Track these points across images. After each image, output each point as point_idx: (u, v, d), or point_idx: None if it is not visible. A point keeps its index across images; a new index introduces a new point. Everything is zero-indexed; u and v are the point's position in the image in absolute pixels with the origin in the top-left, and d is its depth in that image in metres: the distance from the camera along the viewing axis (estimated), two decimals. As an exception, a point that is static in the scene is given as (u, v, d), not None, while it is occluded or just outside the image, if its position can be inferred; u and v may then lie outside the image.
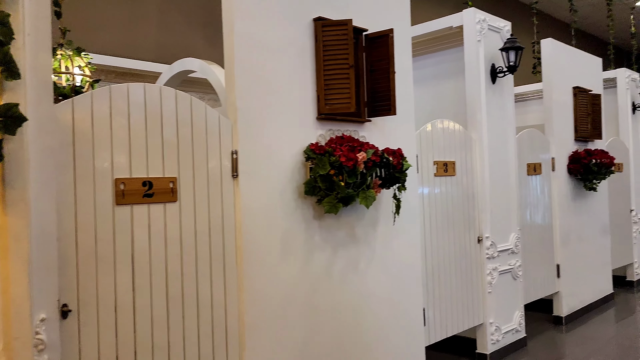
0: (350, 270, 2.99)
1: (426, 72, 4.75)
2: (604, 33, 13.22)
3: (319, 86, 2.87)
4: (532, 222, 4.77)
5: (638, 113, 6.96)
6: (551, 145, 5.08)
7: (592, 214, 5.65)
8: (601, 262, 5.79)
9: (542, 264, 4.86)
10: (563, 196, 5.16)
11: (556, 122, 5.14)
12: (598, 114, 5.72)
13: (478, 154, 4.08)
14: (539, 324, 5.09)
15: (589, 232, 5.57)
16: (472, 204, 4.03)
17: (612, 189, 6.24)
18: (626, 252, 6.50)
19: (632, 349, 4.34)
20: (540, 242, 4.87)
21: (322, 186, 2.70)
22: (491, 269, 4.09)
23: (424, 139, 3.65)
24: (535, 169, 4.83)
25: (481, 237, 4.07)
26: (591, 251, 5.59)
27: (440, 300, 3.71)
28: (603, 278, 5.82)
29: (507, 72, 4.20)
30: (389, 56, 3.04)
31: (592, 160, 5.21)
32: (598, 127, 5.71)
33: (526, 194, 4.72)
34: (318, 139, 2.87)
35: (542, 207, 4.92)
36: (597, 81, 5.92)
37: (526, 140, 4.75)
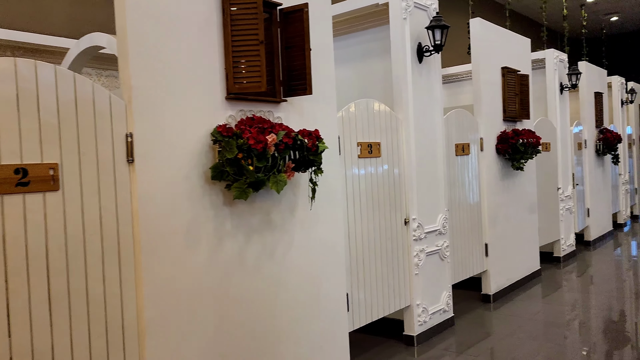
0: (266, 257, 2.86)
1: (353, 51, 4.62)
2: (538, 15, 13.55)
3: (227, 64, 2.68)
4: (460, 203, 4.79)
5: (565, 93, 7.13)
6: (480, 126, 5.10)
7: (520, 193, 5.76)
8: (529, 240, 5.93)
9: (470, 243, 4.91)
10: (491, 176, 5.22)
11: (485, 102, 5.15)
12: (526, 94, 5.80)
13: (404, 135, 4.02)
14: (468, 302, 5.17)
15: (517, 211, 5.68)
16: (399, 186, 3.97)
17: (540, 168, 6.39)
18: (553, 229, 6.71)
19: (554, 325, 4.46)
20: (469, 222, 4.91)
21: (230, 171, 2.53)
22: (418, 251, 4.07)
23: (346, 119, 3.54)
24: (463, 149, 4.84)
25: (408, 219, 4.02)
26: (519, 229, 5.71)
27: (365, 284, 3.64)
28: (530, 255, 5.97)
29: (434, 51, 4.13)
30: (304, 32, 2.88)
31: (520, 140, 5.28)
32: (526, 107, 5.79)
33: (454, 175, 4.72)
34: (228, 120, 2.69)
35: (471, 187, 4.95)
36: (526, 62, 5.99)
37: (454, 120, 4.73)
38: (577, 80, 6.88)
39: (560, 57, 6.97)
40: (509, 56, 5.60)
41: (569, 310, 4.90)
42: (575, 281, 6.13)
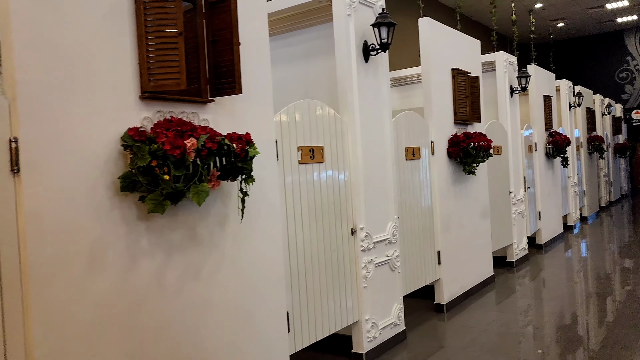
0: (190, 277, 2.52)
1: (297, 50, 4.35)
2: (488, 20, 13.70)
3: (141, 58, 2.34)
4: (411, 209, 4.58)
5: (516, 96, 7.09)
6: (430, 129, 4.92)
7: (473, 198, 5.62)
8: (482, 245, 5.80)
9: (422, 251, 4.70)
10: (443, 180, 5.04)
11: (435, 104, 4.98)
12: (477, 96, 5.67)
13: (350, 139, 3.76)
14: (421, 313, 4.96)
15: (470, 216, 5.54)
16: (345, 193, 3.71)
17: (491, 172, 6.29)
18: (506, 234, 6.62)
19: (508, 336, 4.30)
20: (421, 229, 4.70)
21: (142, 181, 2.19)
22: (366, 262, 3.81)
23: (286, 123, 3.24)
24: (414, 153, 4.63)
25: (355, 229, 3.76)
26: (472, 235, 5.56)
27: (308, 301, 3.35)
28: (484, 261, 5.84)
29: (380, 50, 3.90)
30: (232, 24, 2.57)
31: (471, 144, 5.13)
32: (477, 110, 5.66)
33: (405, 180, 4.51)
34: (142, 122, 2.35)
35: (422, 193, 4.75)
36: (476, 64, 5.87)
37: (404, 123, 4.52)
38: (527, 83, 6.84)
39: (510, 59, 6.93)
40: (459, 58, 5.45)
41: (523, 317, 4.76)
42: (528, 286, 6.04)
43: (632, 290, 5.37)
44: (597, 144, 11.15)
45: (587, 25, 16.36)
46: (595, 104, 12.28)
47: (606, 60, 17.37)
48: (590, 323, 4.55)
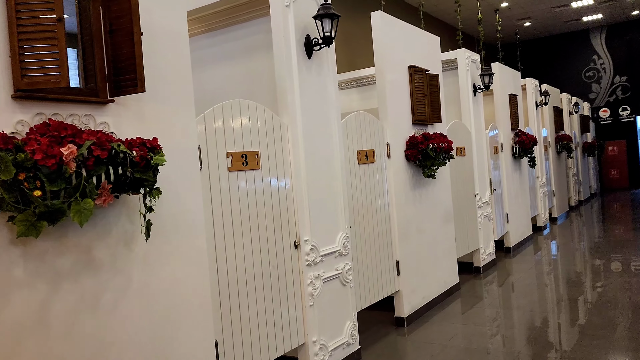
0: (85, 310, 2.13)
1: (236, 46, 3.98)
2: (454, 20, 13.54)
3: (12, 49, 1.95)
4: (366, 217, 4.25)
5: (479, 95, 6.85)
6: (386, 130, 4.60)
7: (434, 202, 5.33)
8: (446, 252, 5.51)
9: (379, 262, 4.37)
10: (401, 185, 4.72)
11: (391, 104, 4.66)
12: (437, 95, 5.39)
13: (291, 142, 3.41)
14: (380, 327, 4.63)
15: (432, 222, 5.24)
16: (286, 203, 3.35)
17: (455, 174, 6.01)
18: (472, 238, 6.36)
19: (472, 352, 3.99)
20: (377, 238, 4.37)
21: (8, 198, 1.80)
22: (312, 278, 3.46)
23: (212, 126, 2.87)
24: (367, 156, 4.30)
25: (299, 241, 3.41)
26: (434, 242, 5.26)
27: (243, 326, 2.98)
28: (448, 269, 5.55)
29: (323, 45, 3.56)
30: (131, 11, 2.20)
31: (430, 145, 4.83)
32: (437, 110, 5.38)
33: (357, 186, 4.17)
34: (17, 127, 1.96)
35: (378, 199, 4.43)
36: (436, 61, 5.59)
37: (355, 124, 4.19)
38: (490, 81, 6.61)
39: (472, 57, 6.68)
40: (417, 54, 5.16)
41: (489, 329, 4.47)
42: (496, 293, 5.77)
43: (603, 293, 5.15)
44: (565, 143, 11.04)
45: (554, 25, 16.38)
46: (563, 102, 12.20)
47: (573, 60, 17.43)
48: (562, 333, 4.28)
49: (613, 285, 5.48)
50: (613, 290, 5.28)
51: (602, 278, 5.93)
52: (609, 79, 16.91)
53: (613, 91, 16.86)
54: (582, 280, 5.97)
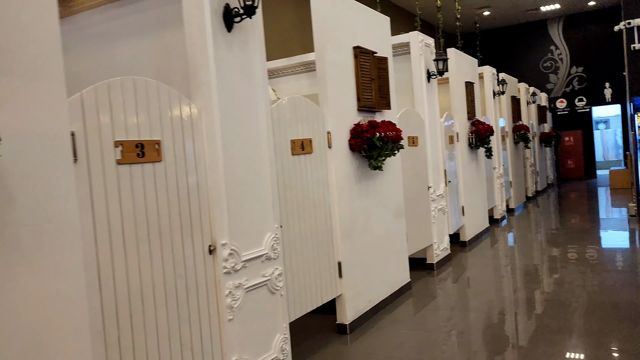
0: None
1: (149, 17, 3.43)
2: (413, 7, 13.19)
3: None
4: (301, 214, 3.78)
5: (434, 82, 6.46)
6: (326, 117, 4.14)
7: (384, 196, 4.91)
8: (396, 250, 5.11)
9: (317, 264, 3.92)
10: (344, 177, 4.28)
11: (332, 88, 4.20)
12: (385, 80, 4.95)
13: (205, 130, 2.90)
14: (320, 336, 4.20)
15: (380, 217, 4.82)
16: (198, 201, 2.84)
17: (407, 166, 5.62)
18: (425, 234, 5.99)
19: (416, 361, 3.60)
20: (315, 238, 3.92)
21: None
22: (232, 288, 2.97)
23: (92, 108, 2.33)
24: (303, 146, 3.83)
25: (214, 245, 2.91)
26: (383, 239, 4.86)
27: (137, 354, 2.47)
28: (398, 267, 5.16)
29: (245, 16, 3.05)
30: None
31: (377, 134, 4.40)
32: (386, 96, 4.95)
33: (291, 180, 3.70)
34: None
35: (316, 194, 3.97)
36: (385, 43, 5.15)
37: (288, 111, 3.71)
38: (445, 67, 6.23)
39: (426, 41, 6.28)
40: (364, 35, 4.70)
41: (441, 333, 4.09)
42: (450, 290, 5.43)
43: (560, 285, 4.87)
44: (523, 133, 10.86)
45: (513, 14, 16.26)
46: (521, 92, 12.04)
47: (531, 50, 17.40)
48: (519, 331, 3.94)
49: (569, 277, 5.22)
50: (569, 282, 5.01)
51: (558, 269, 5.67)
52: (566, 69, 16.95)
53: (570, 82, 16.92)
54: (539, 273, 5.70)
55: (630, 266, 5.75)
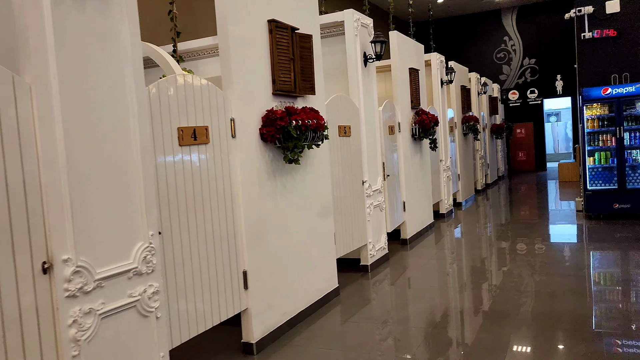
0: None
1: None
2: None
3: None
4: (192, 218, 3.15)
5: (371, 66, 5.91)
6: (230, 102, 3.51)
7: (307, 193, 4.33)
8: (321, 253, 4.55)
9: (215, 275, 3.31)
10: (252, 173, 3.67)
11: (238, 67, 3.57)
12: (309, 60, 4.35)
13: (37, 111, 2.22)
14: (223, 357, 3.59)
15: (301, 218, 4.25)
16: (23, 204, 2.17)
17: (338, 158, 5.06)
18: (359, 233, 5.46)
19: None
20: (211, 245, 3.30)
21: None
22: (79, 315, 2.32)
23: None
24: (196, 135, 3.19)
25: (50, 262, 2.25)
26: (305, 241, 4.29)
27: None
28: (324, 272, 4.60)
29: (97, -34, 2.38)
30: None
31: (293, 122, 3.80)
32: (310, 79, 4.35)
33: (179, 176, 3.06)
34: None
35: (213, 192, 3.34)
36: (311, 20, 4.54)
37: (175, 93, 3.06)
38: (382, 49, 5.68)
39: (363, 20, 5.71)
40: (281, 7, 4.08)
41: (364, 353, 3.56)
42: (384, 296, 4.93)
43: (504, 290, 4.43)
44: (472, 124, 10.51)
45: (467, 3, 15.93)
46: (471, 82, 11.69)
47: (485, 41, 17.16)
48: (456, 345, 3.45)
49: (514, 281, 4.81)
50: (513, 287, 4.59)
51: (503, 271, 5.26)
52: (519, 61, 16.80)
53: (522, 73, 16.79)
54: (483, 271, 5.27)
55: (575, 269, 5.39)
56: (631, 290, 4.54)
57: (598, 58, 8.08)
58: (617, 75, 7.84)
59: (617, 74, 7.84)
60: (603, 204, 7.58)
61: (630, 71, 7.80)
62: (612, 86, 7.45)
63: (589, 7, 8.07)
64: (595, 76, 8.07)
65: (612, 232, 6.88)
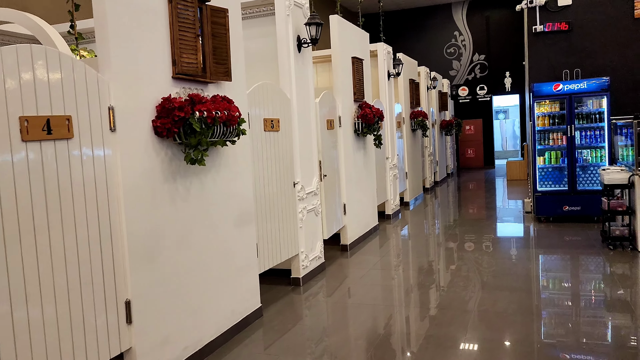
0: None
1: None
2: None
3: None
4: (41, 240, 2.38)
5: (306, 52, 5.23)
6: (109, 86, 2.74)
7: (218, 199, 3.62)
8: (237, 268, 3.85)
9: (81, 311, 2.55)
10: (141, 177, 2.92)
11: (122, 41, 2.81)
12: (224, 40, 3.62)
13: None
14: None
15: (209, 228, 3.53)
16: None
17: (264, 156, 4.36)
18: (289, 242, 4.79)
19: None
20: (73, 272, 2.54)
21: None
22: None
23: None
24: (50, 127, 2.41)
25: None
26: (214, 257, 3.57)
27: None
28: (241, 291, 3.90)
29: None
30: None
31: (196, 113, 3.07)
32: (224, 62, 3.63)
33: (22, 182, 2.28)
34: None
35: (80, 203, 2.57)
36: (228, -9, 3.81)
37: (12, 68, 2.27)
38: (318, 33, 5.00)
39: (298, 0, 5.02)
40: (186, -28, 3.33)
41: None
42: (317, 314, 4.28)
43: (448, 309, 3.88)
44: (421, 120, 10.03)
45: (417, -5, 15.50)
46: (421, 76, 11.23)
47: (436, 35, 16.83)
48: None
49: (459, 292, 4.27)
50: (463, 291, 4.04)
51: (449, 281, 4.72)
52: (469, 56, 16.57)
53: (472, 69, 16.56)
54: (428, 284, 4.71)
55: (524, 280, 4.92)
56: (582, 307, 4.08)
57: (549, 52, 7.71)
58: (569, 71, 7.49)
59: (568, 69, 7.49)
60: (553, 205, 7.22)
61: (582, 67, 7.46)
62: (564, 82, 7.08)
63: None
64: (546, 71, 7.70)
65: (562, 235, 6.50)
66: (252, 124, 4.18)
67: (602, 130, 7.05)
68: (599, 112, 7.04)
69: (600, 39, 7.48)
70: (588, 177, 7.15)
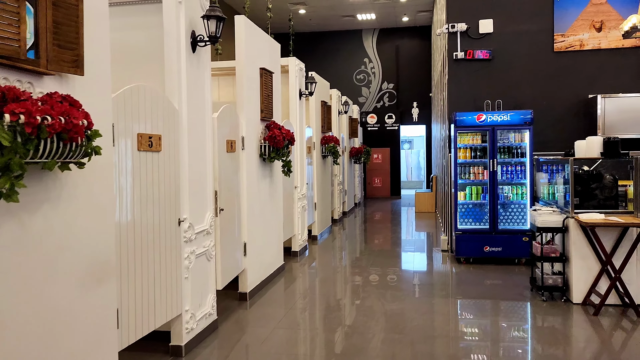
0: None
1: None
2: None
3: None
4: None
5: (201, 53, 4.14)
6: None
7: (51, 249, 2.39)
8: (80, 349, 2.61)
9: None
10: None
11: None
12: (72, 16, 2.45)
13: None
14: None
15: (37, 295, 2.28)
16: None
17: (138, 184, 3.18)
18: (170, 301, 3.59)
19: None
20: None
21: None
22: None
23: None
24: None
25: None
26: (45, 333, 2.32)
27: None
28: None
29: None
30: None
31: (5, 117, 1.87)
32: (74, 47, 2.45)
33: None
34: None
35: None
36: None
37: None
38: (219, 30, 3.95)
39: (193, -14, 3.93)
40: None
41: None
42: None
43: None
44: (332, 146, 9.23)
45: (330, 17, 14.99)
46: (332, 99, 10.51)
47: (346, 60, 16.41)
48: None
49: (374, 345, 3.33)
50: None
51: (363, 326, 3.77)
52: (378, 84, 16.30)
53: (381, 97, 16.30)
54: (338, 321, 3.75)
55: (444, 341, 4.12)
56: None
57: (470, 80, 7.25)
58: (490, 101, 7.06)
59: (489, 99, 7.06)
60: (474, 245, 6.64)
61: (503, 98, 7.07)
62: (487, 112, 6.60)
63: (463, 24, 7.24)
64: (466, 99, 7.22)
65: (486, 280, 5.89)
66: (117, 140, 3.00)
67: (524, 166, 6.63)
68: (520, 147, 6.63)
69: (521, 70, 7.16)
70: (509, 216, 6.67)
